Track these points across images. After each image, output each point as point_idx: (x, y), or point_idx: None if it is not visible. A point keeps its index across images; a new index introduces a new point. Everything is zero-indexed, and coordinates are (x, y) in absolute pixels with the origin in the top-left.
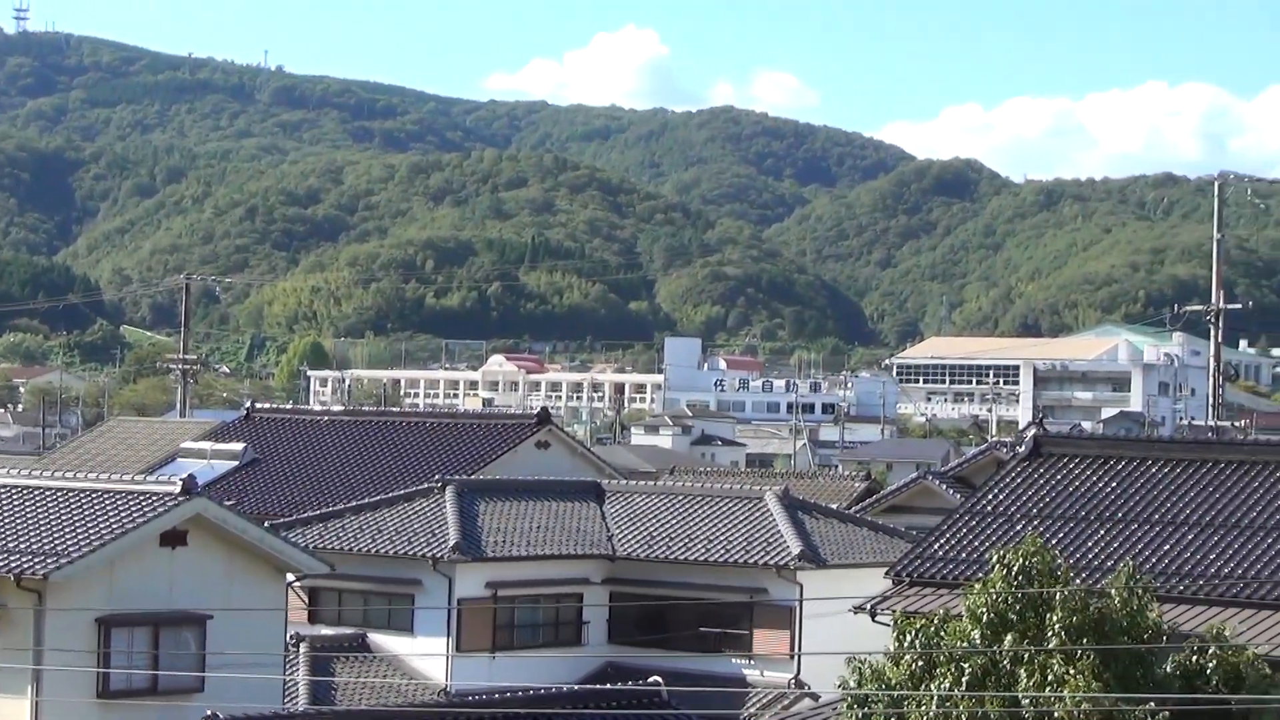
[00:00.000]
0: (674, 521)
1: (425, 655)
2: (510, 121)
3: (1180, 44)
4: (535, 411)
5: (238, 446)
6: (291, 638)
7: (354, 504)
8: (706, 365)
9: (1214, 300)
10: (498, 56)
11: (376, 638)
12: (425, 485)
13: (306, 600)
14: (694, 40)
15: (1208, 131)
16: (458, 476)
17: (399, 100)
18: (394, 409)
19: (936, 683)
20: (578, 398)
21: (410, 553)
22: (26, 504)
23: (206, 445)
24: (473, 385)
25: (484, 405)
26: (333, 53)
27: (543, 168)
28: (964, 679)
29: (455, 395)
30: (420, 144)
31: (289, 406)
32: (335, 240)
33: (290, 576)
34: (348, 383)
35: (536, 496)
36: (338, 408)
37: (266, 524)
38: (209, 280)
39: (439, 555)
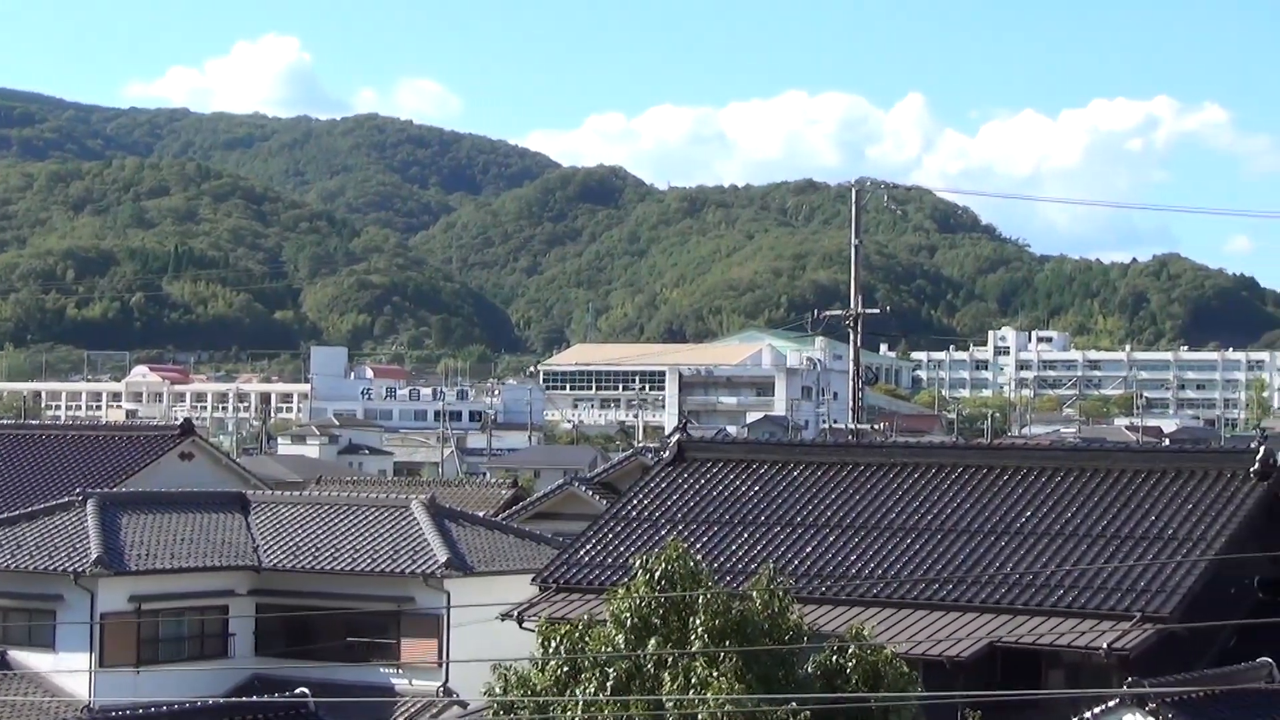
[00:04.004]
0: (320, 532)
1: (68, 671)
2: (151, 129)
3: (820, 54)
4: (179, 423)
5: None
6: None
7: None
8: (353, 374)
9: (853, 305)
10: (136, 64)
11: (16, 655)
12: (66, 499)
13: None
14: (336, 47)
15: (846, 139)
16: (99, 489)
17: (36, 108)
18: (34, 422)
19: (581, 688)
20: (223, 408)
21: (51, 567)
22: None
23: None
24: (116, 397)
25: (127, 417)
26: None
27: (185, 176)
28: (609, 683)
29: (98, 407)
30: (59, 152)
31: None
32: None
33: None
34: None
35: (180, 508)
36: None
37: None
38: None
39: (80, 569)
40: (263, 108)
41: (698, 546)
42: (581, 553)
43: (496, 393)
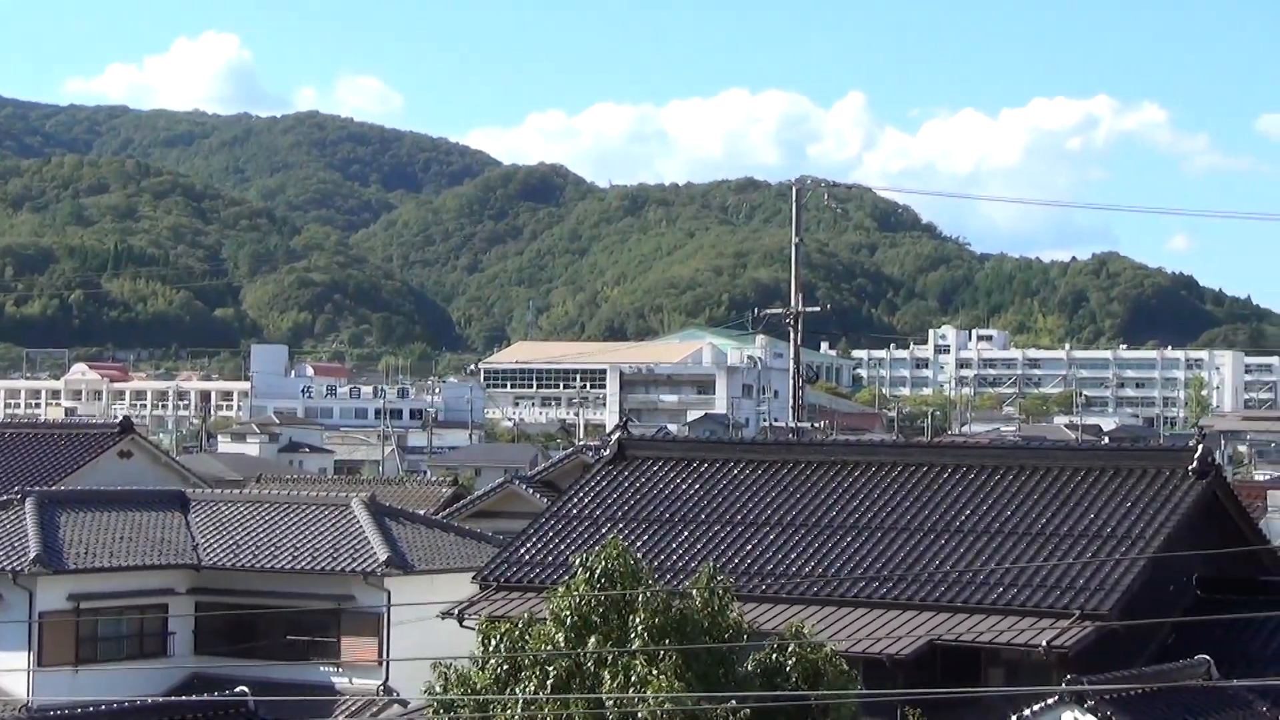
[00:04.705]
0: (260, 530)
1: (5, 671)
2: (91, 126)
3: (761, 52)
4: (118, 421)
5: None
6: None
7: None
8: (294, 372)
9: (793, 303)
10: (74, 61)
11: None
12: (4, 497)
13: None
14: (276, 45)
15: (787, 138)
16: (38, 488)
17: None
18: None
19: (521, 686)
20: (163, 406)
21: None
22: None
23: None
24: (55, 395)
25: (66, 415)
26: None
27: (125, 173)
28: (549, 682)
29: (37, 405)
30: None
31: None
32: None
33: None
34: None
35: (120, 507)
36: None
37: None
38: None
39: (19, 568)
40: (203, 105)
41: (638, 545)
42: (522, 551)
43: (437, 391)
